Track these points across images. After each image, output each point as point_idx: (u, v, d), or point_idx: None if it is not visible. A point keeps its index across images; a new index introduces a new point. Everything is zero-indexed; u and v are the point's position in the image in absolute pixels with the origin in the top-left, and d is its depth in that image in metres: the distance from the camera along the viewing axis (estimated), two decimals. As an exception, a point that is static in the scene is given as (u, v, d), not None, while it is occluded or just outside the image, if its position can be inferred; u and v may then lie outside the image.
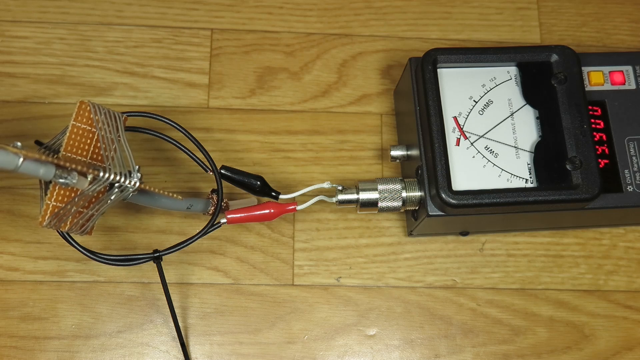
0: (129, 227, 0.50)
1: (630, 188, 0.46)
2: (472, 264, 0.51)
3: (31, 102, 0.52)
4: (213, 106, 0.53)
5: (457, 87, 0.47)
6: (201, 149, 0.45)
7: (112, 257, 0.42)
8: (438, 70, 0.46)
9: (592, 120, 0.47)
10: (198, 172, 0.51)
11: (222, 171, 0.45)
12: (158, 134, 0.44)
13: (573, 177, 0.44)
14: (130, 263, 0.43)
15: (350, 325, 0.49)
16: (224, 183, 0.45)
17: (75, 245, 0.41)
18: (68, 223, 0.38)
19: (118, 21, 0.55)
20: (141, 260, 0.43)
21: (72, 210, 0.37)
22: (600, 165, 0.46)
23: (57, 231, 0.39)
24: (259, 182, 0.45)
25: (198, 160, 0.45)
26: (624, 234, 0.52)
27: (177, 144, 0.44)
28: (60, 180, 0.36)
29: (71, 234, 0.41)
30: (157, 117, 0.44)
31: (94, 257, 0.42)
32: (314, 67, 0.55)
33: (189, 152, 0.45)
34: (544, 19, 0.57)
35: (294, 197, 0.46)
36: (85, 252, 0.42)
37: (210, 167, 0.45)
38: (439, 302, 0.50)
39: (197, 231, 0.43)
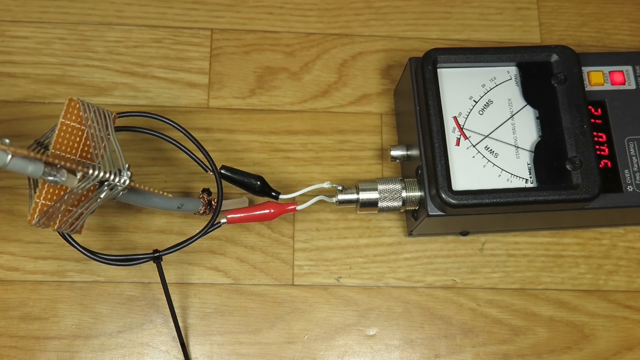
0: (129, 227, 0.50)
1: (630, 188, 0.46)
2: (472, 264, 0.51)
3: (31, 102, 0.52)
4: (213, 106, 0.53)
5: (457, 87, 0.47)
6: (201, 149, 0.45)
7: (112, 257, 0.42)
8: (438, 70, 0.46)
9: (592, 120, 0.47)
10: (198, 172, 0.51)
11: (222, 171, 0.45)
12: (158, 134, 0.44)
13: (573, 177, 0.44)
14: (130, 263, 0.43)
15: (350, 325, 0.49)
16: (224, 183, 0.45)
17: (75, 245, 0.41)
18: (57, 221, 0.37)
19: (118, 21, 0.55)
20: (141, 260, 0.43)
21: (62, 208, 0.37)
22: (600, 165, 0.46)
23: (57, 231, 0.39)
24: (259, 182, 0.45)
25: (198, 160, 0.45)
26: (624, 234, 0.52)
27: (177, 144, 0.44)
28: (49, 178, 0.35)
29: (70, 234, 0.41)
30: (157, 117, 0.44)
31: (94, 257, 0.42)
32: (314, 67, 0.55)
33: (189, 152, 0.45)
34: (544, 19, 0.57)
35: (294, 197, 0.46)
36: (85, 252, 0.42)
37: (210, 167, 0.45)
38: (439, 302, 0.50)
39: (197, 231, 0.43)
